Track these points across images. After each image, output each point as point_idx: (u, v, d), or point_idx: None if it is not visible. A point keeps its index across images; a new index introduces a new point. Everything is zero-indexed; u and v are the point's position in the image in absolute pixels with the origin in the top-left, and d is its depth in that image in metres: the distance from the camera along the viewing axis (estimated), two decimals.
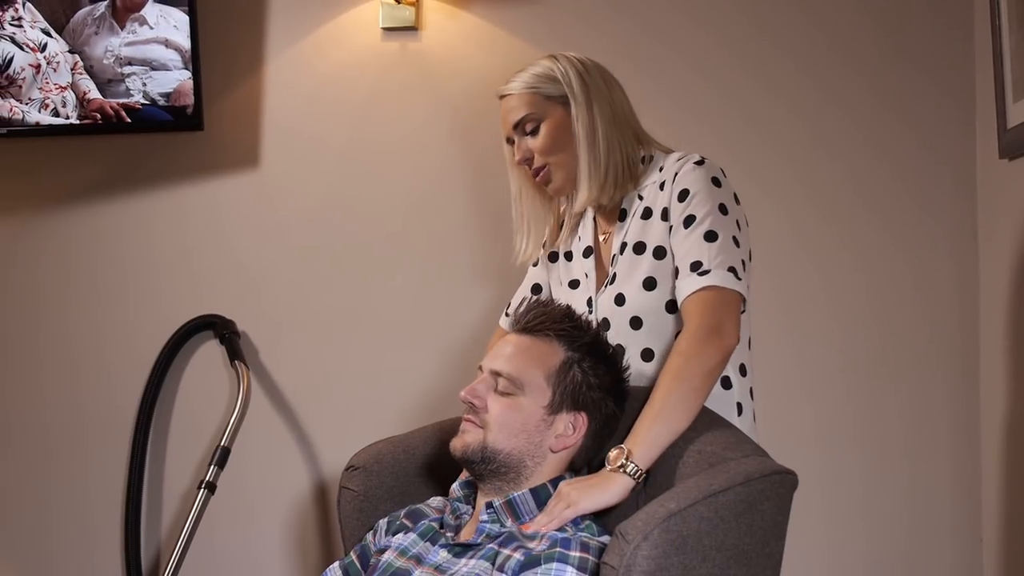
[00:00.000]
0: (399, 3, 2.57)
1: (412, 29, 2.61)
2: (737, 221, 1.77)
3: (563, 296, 1.95)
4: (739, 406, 1.82)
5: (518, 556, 1.47)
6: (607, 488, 1.58)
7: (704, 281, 1.69)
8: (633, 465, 1.58)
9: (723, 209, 1.75)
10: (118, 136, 2.68)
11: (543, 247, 2.02)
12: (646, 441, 1.60)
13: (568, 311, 1.73)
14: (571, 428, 1.64)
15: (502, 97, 1.89)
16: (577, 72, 1.85)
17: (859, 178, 2.50)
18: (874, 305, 2.51)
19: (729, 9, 2.54)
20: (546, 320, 1.69)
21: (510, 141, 1.91)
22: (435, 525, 1.68)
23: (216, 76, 2.65)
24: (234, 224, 2.70)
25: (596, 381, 1.66)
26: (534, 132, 1.85)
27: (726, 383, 1.80)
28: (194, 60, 2.54)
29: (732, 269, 1.70)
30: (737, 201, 1.80)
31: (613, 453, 1.60)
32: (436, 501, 1.78)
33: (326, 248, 2.68)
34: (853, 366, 2.52)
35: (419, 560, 1.60)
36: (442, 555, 1.59)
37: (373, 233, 2.66)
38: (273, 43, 2.67)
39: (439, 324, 2.63)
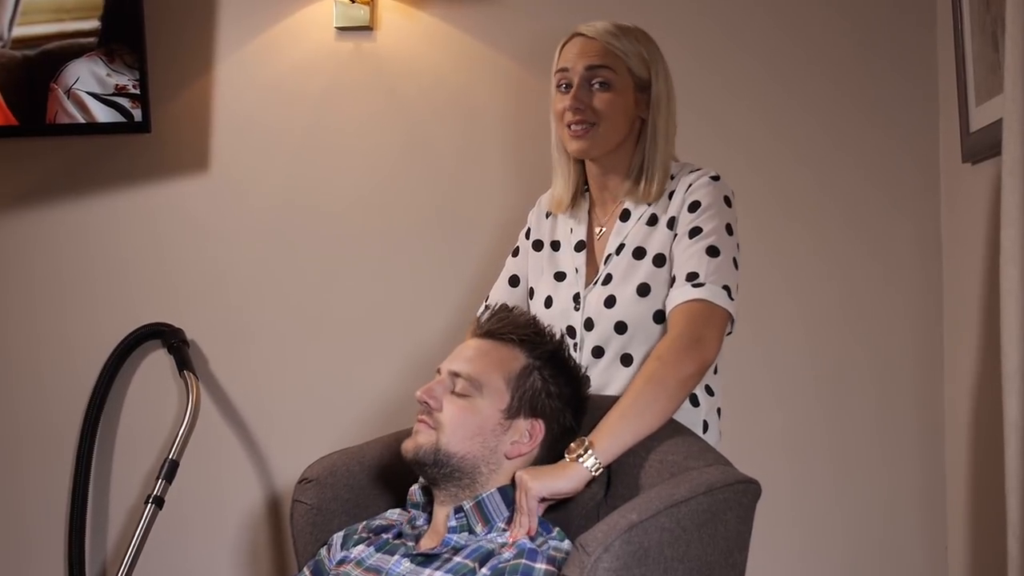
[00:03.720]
0: (353, 2, 2.55)
1: (366, 28, 2.59)
2: (737, 244, 1.79)
3: (545, 287, 1.94)
4: (705, 423, 1.83)
5: (485, 572, 1.46)
6: (561, 475, 1.57)
7: (696, 293, 1.71)
8: (592, 458, 1.58)
9: (729, 229, 1.78)
10: (61, 139, 2.62)
11: (527, 236, 2.02)
12: (609, 436, 1.60)
13: (532, 319, 1.74)
14: (527, 435, 1.63)
15: (577, 35, 1.84)
16: (666, 70, 1.86)
17: (825, 182, 2.51)
18: (841, 309, 2.51)
19: (691, 13, 2.54)
20: (509, 325, 1.69)
21: (565, 86, 1.83)
22: (390, 539, 1.65)
23: (164, 77, 2.60)
24: (182, 229, 2.66)
25: (556, 390, 1.66)
26: (603, 87, 1.81)
27: (694, 401, 1.81)
28: (140, 60, 2.50)
29: (726, 288, 1.72)
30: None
31: (574, 444, 1.60)
32: (393, 513, 1.75)
33: (277, 254, 2.64)
34: (821, 370, 2.51)
35: (380, 572, 1.57)
36: (405, 565, 1.56)
37: (326, 237, 2.63)
38: (223, 43, 2.64)
39: (396, 330, 2.60)
